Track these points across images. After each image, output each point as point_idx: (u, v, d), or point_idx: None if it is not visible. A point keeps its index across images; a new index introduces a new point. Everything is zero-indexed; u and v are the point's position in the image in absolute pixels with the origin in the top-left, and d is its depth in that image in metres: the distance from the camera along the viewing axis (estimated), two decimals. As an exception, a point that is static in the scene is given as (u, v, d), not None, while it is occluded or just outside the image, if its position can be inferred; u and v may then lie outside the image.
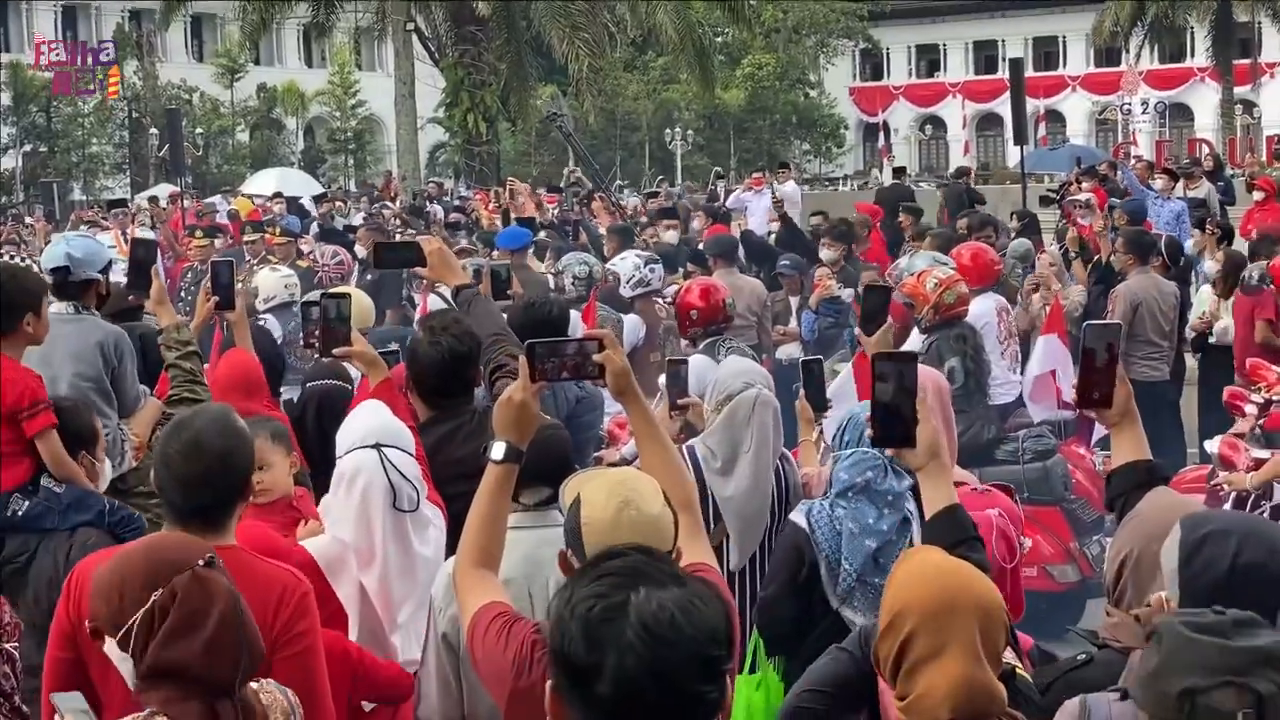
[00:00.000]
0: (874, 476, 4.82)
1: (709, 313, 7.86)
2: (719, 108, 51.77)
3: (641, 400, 3.66)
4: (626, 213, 18.33)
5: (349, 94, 56.48)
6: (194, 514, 3.72)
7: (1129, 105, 48.88)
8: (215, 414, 3.88)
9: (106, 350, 5.66)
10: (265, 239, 14.04)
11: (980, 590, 3.06)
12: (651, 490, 3.28)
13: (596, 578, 2.34)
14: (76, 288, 5.77)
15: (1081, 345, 3.79)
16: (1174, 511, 3.40)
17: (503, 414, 3.55)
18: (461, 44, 33.43)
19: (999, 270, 10.33)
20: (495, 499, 3.53)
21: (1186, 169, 20.60)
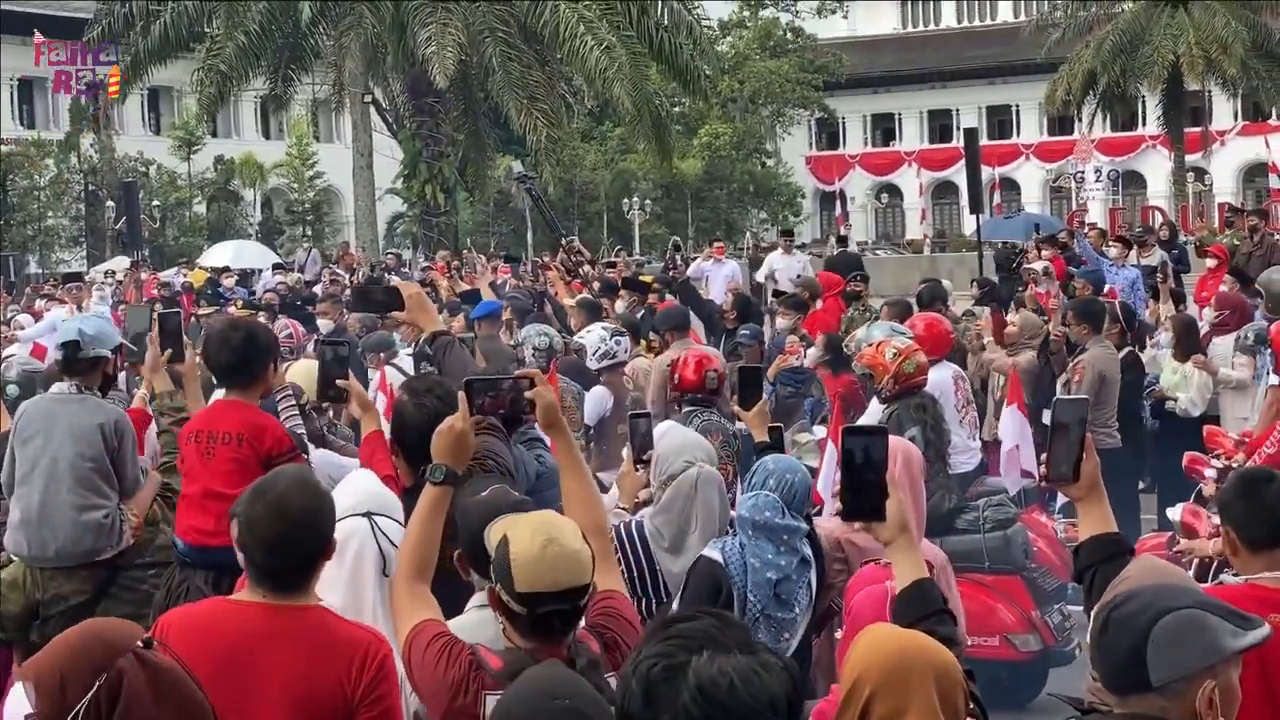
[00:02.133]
0: (771, 516, 5.34)
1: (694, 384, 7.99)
2: (676, 177, 52.08)
3: (568, 433, 4.07)
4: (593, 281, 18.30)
5: (307, 165, 56.55)
6: (279, 575, 3.75)
7: (1082, 173, 49.40)
8: (296, 475, 3.94)
9: (106, 431, 5.66)
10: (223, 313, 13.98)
11: (936, 652, 3.12)
12: (571, 529, 3.52)
13: (667, 638, 2.40)
14: (85, 365, 5.77)
15: (1051, 420, 3.82)
16: (1161, 576, 3.48)
17: (442, 441, 3.90)
18: (419, 115, 33.53)
19: (953, 339, 10.41)
20: (432, 518, 3.85)
21: (1139, 237, 20.80)
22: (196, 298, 16.43)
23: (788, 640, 5.38)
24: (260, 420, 5.60)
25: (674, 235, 47.08)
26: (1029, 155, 66.54)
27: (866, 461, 3.64)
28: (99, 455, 5.62)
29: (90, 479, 5.57)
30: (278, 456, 5.41)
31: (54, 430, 5.60)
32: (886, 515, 3.65)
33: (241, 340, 5.64)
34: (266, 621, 3.70)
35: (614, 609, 3.75)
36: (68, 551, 5.52)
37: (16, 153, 47.50)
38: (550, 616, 3.43)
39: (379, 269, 24.48)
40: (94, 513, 5.53)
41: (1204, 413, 11.25)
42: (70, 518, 5.51)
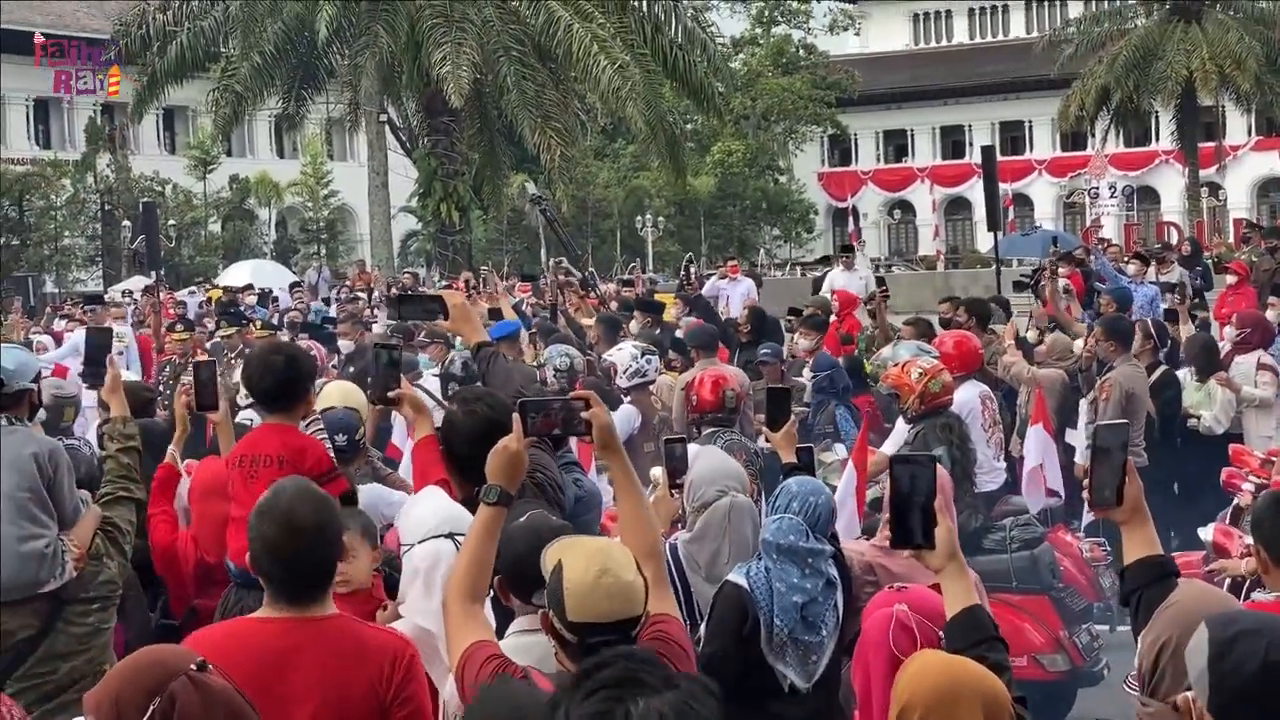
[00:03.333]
0: (795, 540, 5.32)
1: (712, 404, 7.98)
2: (689, 194, 52.09)
3: (623, 455, 4.04)
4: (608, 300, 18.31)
5: (321, 184, 56.66)
6: (297, 588, 3.81)
7: (1096, 188, 49.36)
8: (301, 489, 3.96)
9: (41, 461, 5.49)
10: (244, 333, 14.01)
11: (983, 682, 3.15)
12: (626, 559, 3.51)
13: (591, 691, 2.36)
14: (11, 399, 5.62)
15: (1092, 445, 3.83)
16: (1211, 601, 3.50)
17: (496, 462, 3.91)
18: (434, 134, 33.62)
19: (982, 357, 10.40)
20: (486, 539, 3.86)
21: (1159, 253, 20.77)
22: (217, 321, 16.43)
23: (815, 663, 5.36)
24: (300, 442, 5.63)
25: (687, 252, 47.15)
26: (1042, 171, 66.46)
27: (913, 489, 3.65)
28: (35, 485, 5.45)
29: (28, 509, 5.41)
30: (319, 477, 5.37)
31: None
32: (936, 543, 3.66)
33: (284, 365, 5.66)
34: (292, 635, 3.77)
35: (666, 634, 3.75)
36: (12, 584, 5.34)
37: (33, 173, 47.68)
38: (600, 646, 3.39)
39: (396, 288, 24.51)
40: (35, 542, 5.36)
41: (1227, 431, 11.24)
42: (12, 549, 5.32)
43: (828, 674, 5.43)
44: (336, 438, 6.85)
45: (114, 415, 6.04)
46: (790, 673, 5.28)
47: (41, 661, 5.30)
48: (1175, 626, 3.45)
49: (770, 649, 5.26)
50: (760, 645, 5.26)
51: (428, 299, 5.94)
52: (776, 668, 5.27)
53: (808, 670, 5.33)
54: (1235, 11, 49.37)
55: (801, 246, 65.15)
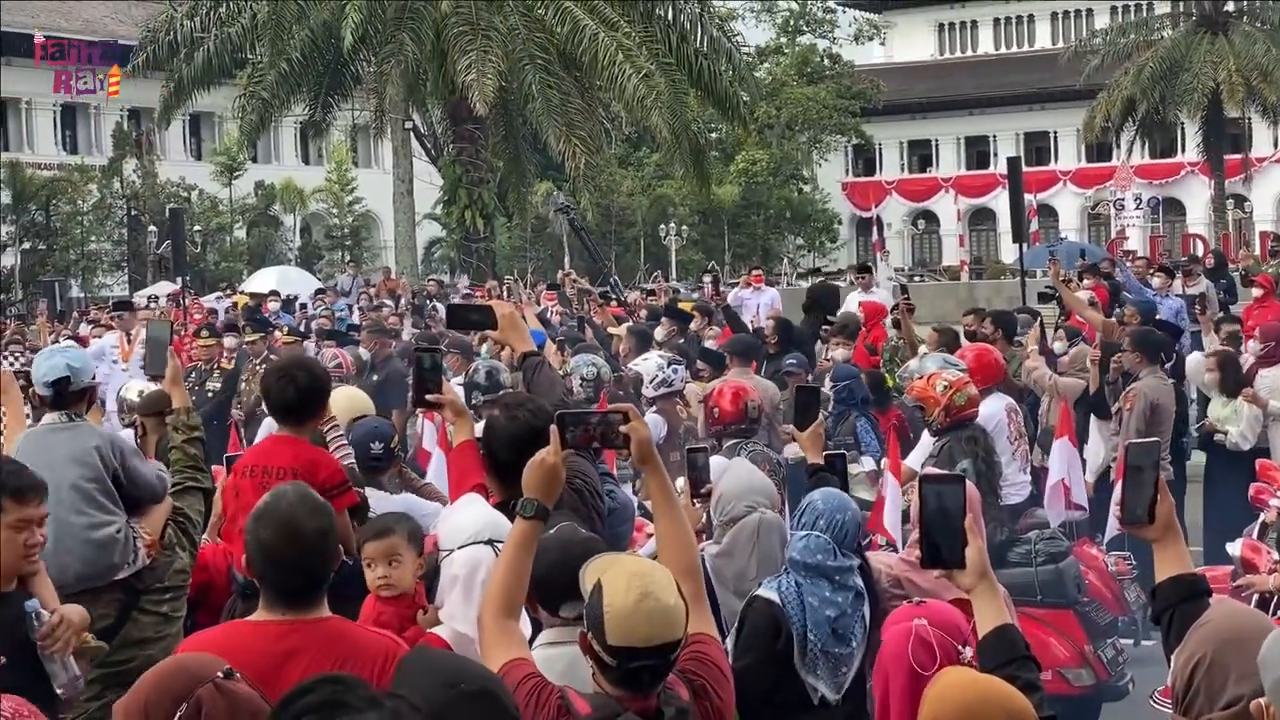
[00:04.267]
0: (823, 559, 5.35)
1: (730, 414, 7.98)
2: (713, 203, 52.10)
3: (662, 470, 3.98)
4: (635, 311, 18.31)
5: (346, 191, 56.83)
6: (295, 593, 3.84)
7: (1121, 200, 49.24)
8: (300, 495, 3.97)
9: (104, 452, 5.66)
10: (269, 339, 14.06)
11: (1009, 702, 3.12)
12: (667, 581, 3.46)
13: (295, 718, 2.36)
14: (75, 397, 5.80)
15: (1123, 463, 3.83)
16: (1247, 619, 3.46)
17: (534, 475, 3.85)
18: (459, 142, 33.74)
19: (1004, 369, 10.38)
20: (522, 553, 3.80)
21: (1186, 266, 20.71)
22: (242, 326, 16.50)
23: (845, 674, 5.39)
24: (313, 455, 5.68)
25: (710, 261, 47.16)
26: (1066, 182, 66.28)
27: (942, 509, 3.65)
28: (99, 475, 5.61)
29: (94, 498, 5.58)
30: (332, 489, 5.46)
31: (54, 459, 5.57)
32: (967, 563, 3.65)
33: (306, 380, 5.71)
34: (289, 637, 3.80)
35: (704, 655, 3.72)
36: (87, 573, 5.51)
37: (60, 178, 47.91)
38: (640, 671, 3.41)
39: (421, 296, 24.57)
40: (106, 529, 5.53)
41: (1254, 446, 11.21)
42: (84, 537, 5.50)
43: (855, 685, 5.46)
44: (372, 445, 6.89)
45: (177, 406, 6.21)
46: (821, 685, 5.30)
47: (118, 650, 5.38)
48: (1209, 645, 3.42)
49: (803, 663, 5.28)
50: (792, 659, 5.28)
51: (478, 309, 5.96)
52: (807, 680, 5.28)
53: (837, 681, 5.36)
54: (1262, 23, 49.30)
55: (825, 256, 65.02)
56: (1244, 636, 3.32)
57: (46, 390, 5.77)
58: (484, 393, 8.92)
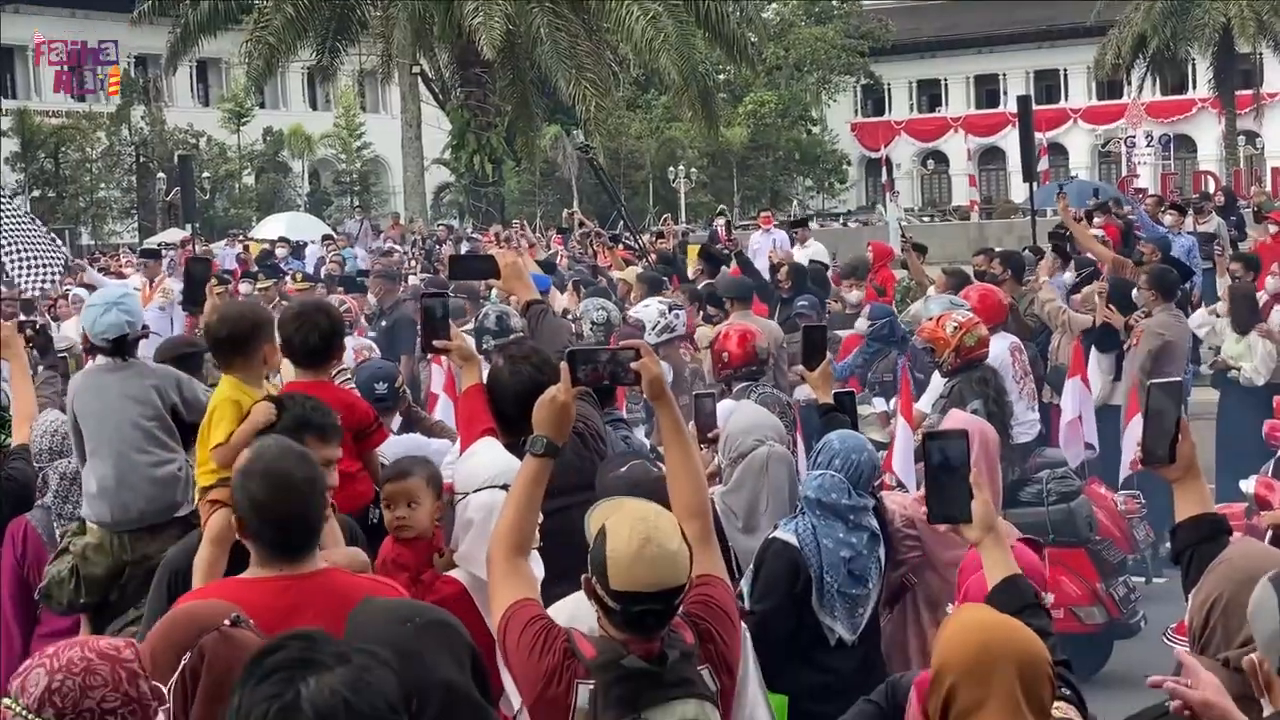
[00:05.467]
0: (838, 498, 5.34)
1: (742, 357, 7.98)
2: (722, 145, 51.89)
3: (674, 406, 3.93)
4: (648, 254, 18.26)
5: (354, 136, 56.69)
6: (287, 547, 3.78)
7: (1133, 137, 48.97)
8: (284, 446, 3.91)
9: (162, 390, 5.71)
10: (280, 286, 14.07)
11: (1021, 644, 3.11)
12: (671, 527, 3.45)
13: (263, 676, 2.37)
14: (132, 345, 5.87)
15: (1145, 405, 3.84)
16: (1263, 558, 3.47)
17: (544, 413, 3.84)
18: (467, 86, 33.61)
19: (1007, 309, 10.37)
20: (532, 490, 3.80)
21: (1197, 203, 20.62)
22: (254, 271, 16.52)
23: (860, 615, 5.40)
24: (344, 397, 5.67)
25: (720, 204, 47.00)
26: (1077, 120, 65.96)
27: (946, 464, 3.68)
28: (159, 413, 5.66)
29: (156, 436, 5.63)
30: (365, 428, 5.53)
31: (109, 398, 5.66)
32: (974, 516, 3.69)
33: (328, 325, 5.72)
34: (288, 592, 3.73)
35: (710, 598, 3.70)
36: (150, 510, 5.59)
37: (68, 126, 47.83)
38: (644, 614, 3.41)
39: (430, 241, 24.54)
40: (168, 466, 5.60)
41: (1268, 382, 11.20)
42: (147, 475, 5.57)
43: (871, 626, 5.48)
44: (377, 386, 6.92)
45: None
46: (838, 626, 5.33)
47: None
48: (1226, 584, 3.45)
49: (820, 604, 5.30)
50: (810, 601, 5.30)
51: (480, 259, 5.97)
52: (824, 622, 5.31)
53: (854, 623, 5.37)
54: (1274, -43, 48.83)
55: (834, 197, 64.88)
56: (1261, 576, 3.31)
57: (105, 344, 5.81)
58: (494, 337, 8.91)
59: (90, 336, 5.91)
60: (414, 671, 2.99)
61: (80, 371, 6.07)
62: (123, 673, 2.83)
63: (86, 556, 5.65)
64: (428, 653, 3.09)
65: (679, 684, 3.43)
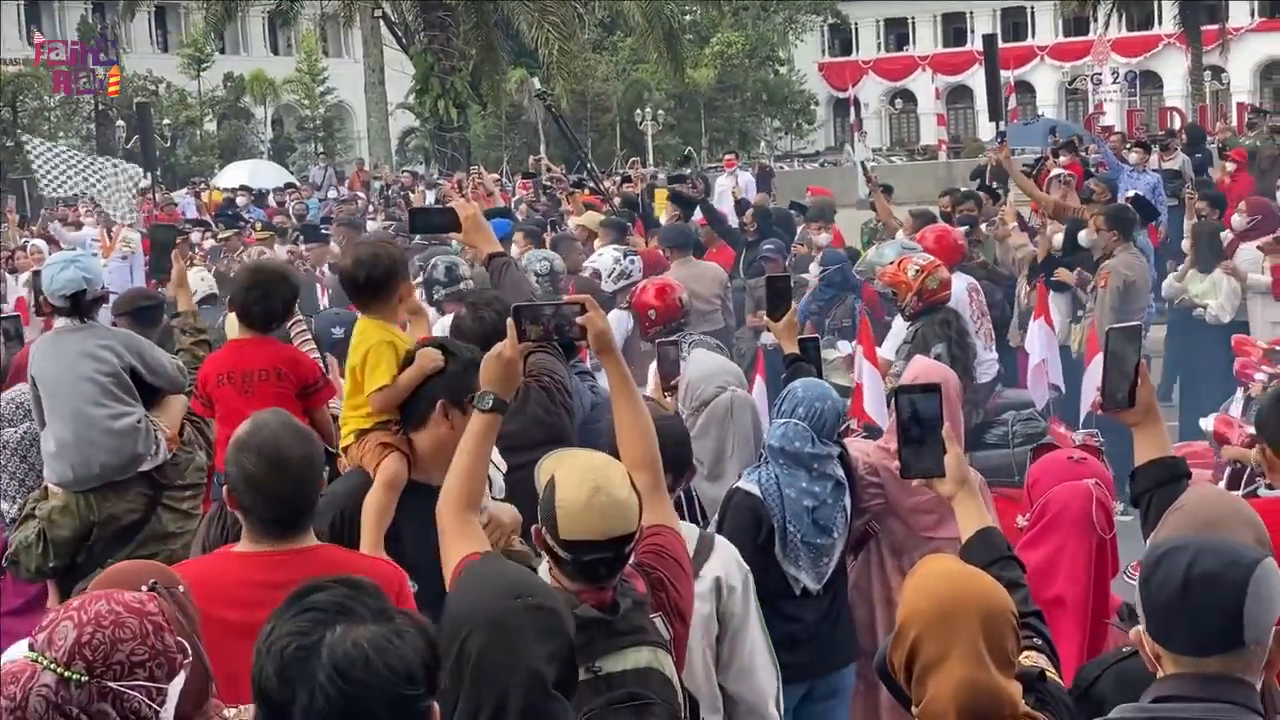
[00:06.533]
0: (801, 446, 5.34)
1: (666, 311, 7.88)
2: (689, 87, 51.62)
3: (620, 359, 3.95)
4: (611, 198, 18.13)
5: (317, 81, 56.22)
6: (281, 523, 3.75)
7: (1099, 74, 48.87)
8: (283, 422, 3.84)
9: (116, 349, 5.72)
10: (243, 236, 13.96)
11: (983, 594, 3.10)
12: (620, 476, 3.46)
13: (299, 612, 2.36)
14: (91, 305, 5.81)
15: (1104, 349, 3.83)
16: (1220, 502, 3.50)
17: (491, 369, 3.82)
18: (430, 29, 33.28)
19: (964, 249, 10.35)
20: (481, 446, 3.79)
21: (1163, 140, 20.59)
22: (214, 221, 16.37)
23: (826, 564, 5.41)
24: (291, 353, 5.64)
25: (687, 145, 46.84)
26: (1044, 57, 65.85)
27: (917, 418, 3.67)
28: (115, 370, 5.67)
29: (112, 390, 5.64)
30: (312, 384, 5.48)
31: (65, 357, 5.66)
32: (946, 470, 3.69)
33: (289, 292, 5.65)
34: (282, 568, 3.68)
35: (662, 547, 3.70)
36: (112, 463, 5.59)
37: (26, 74, 47.26)
38: (595, 563, 3.40)
39: (393, 188, 24.35)
40: (126, 418, 5.61)
41: (1234, 319, 11.21)
42: (105, 427, 5.56)
43: (837, 573, 5.49)
44: (334, 330, 6.87)
45: (182, 309, 6.30)
46: (803, 575, 5.34)
47: (145, 544, 5.50)
48: (1181, 529, 3.42)
49: (784, 554, 5.31)
50: (774, 550, 5.30)
51: (440, 211, 5.85)
52: (789, 571, 5.32)
53: (819, 572, 5.39)
54: (1240, -111, 48.69)
55: (803, 138, 64.72)
56: (1217, 520, 3.36)
57: (63, 302, 5.76)
58: (444, 287, 8.87)
59: (48, 295, 5.86)
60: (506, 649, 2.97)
61: (40, 336, 6.03)
62: (149, 625, 2.78)
63: (53, 519, 5.65)
64: (527, 636, 3.01)
65: (632, 632, 3.43)
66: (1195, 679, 2.79)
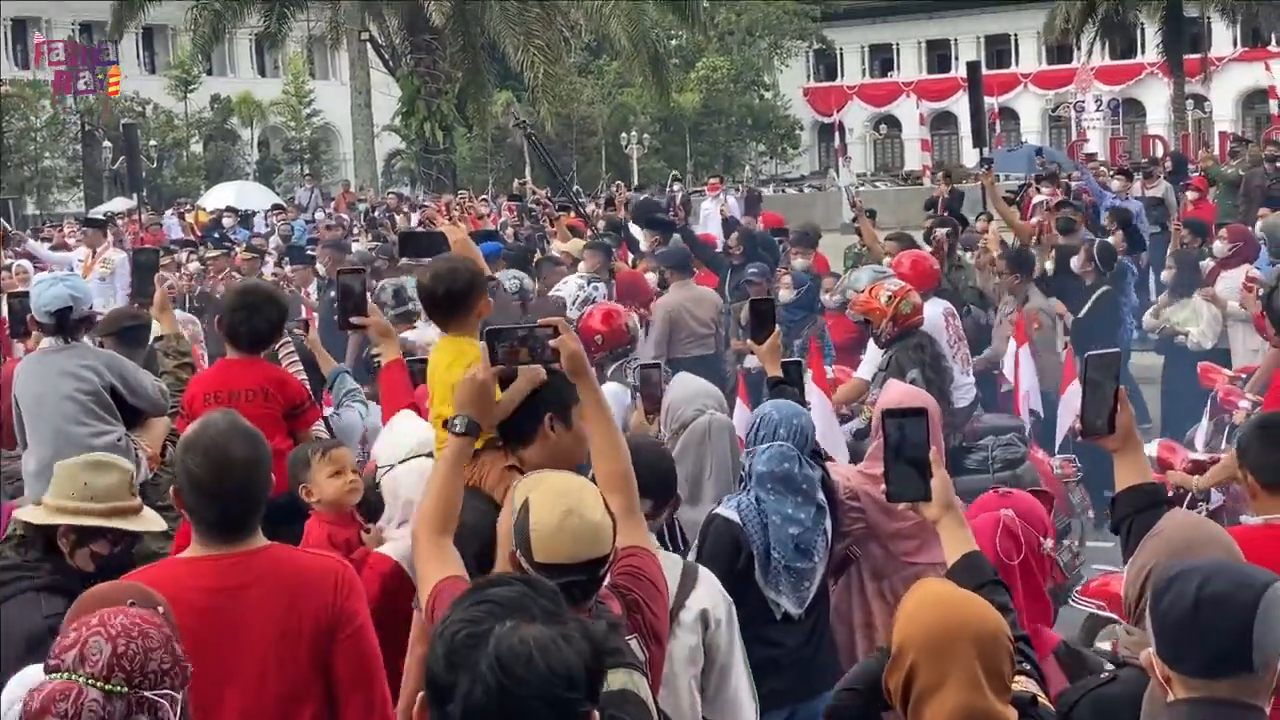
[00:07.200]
0: (791, 468, 5.28)
1: (612, 337, 7.88)
2: (674, 111, 51.79)
3: (594, 382, 3.95)
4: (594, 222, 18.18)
5: (303, 103, 56.21)
6: (228, 525, 3.72)
7: (1082, 102, 49.13)
8: (230, 423, 3.80)
9: (98, 369, 5.77)
10: (231, 257, 13.97)
11: (980, 619, 3.13)
12: (593, 498, 3.43)
13: (475, 603, 2.41)
14: (76, 324, 5.83)
15: (1083, 376, 3.87)
16: (1197, 529, 3.52)
17: (464, 391, 3.84)
18: (417, 52, 33.37)
19: (939, 275, 10.37)
20: (455, 469, 3.79)
21: (1146, 168, 20.70)
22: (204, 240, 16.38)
23: (807, 589, 5.34)
24: (278, 374, 5.67)
25: (673, 170, 46.93)
26: (1028, 85, 66.16)
27: (904, 442, 3.67)
28: (95, 389, 5.70)
29: (93, 409, 5.68)
30: (299, 405, 5.54)
31: (47, 376, 5.70)
32: (932, 495, 3.69)
33: (276, 314, 5.69)
34: (233, 572, 3.67)
35: (637, 569, 3.69)
36: None
37: (11, 94, 47.22)
38: (569, 586, 3.33)
39: (379, 210, 24.36)
40: (107, 436, 5.64)
41: (1215, 346, 11.28)
42: (86, 444, 5.53)
43: (818, 597, 5.45)
44: None
45: (166, 332, 6.29)
46: (784, 600, 5.29)
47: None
48: (1159, 555, 3.46)
49: (765, 579, 5.26)
50: (754, 576, 5.26)
51: (430, 235, 5.84)
52: (769, 596, 5.27)
53: (800, 596, 5.33)
54: (1222, -81, 48.96)
55: (787, 163, 64.87)
56: (1193, 546, 3.37)
57: (48, 319, 5.78)
58: (392, 309, 8.98)
59: (34, 311, 5.88)
60: None
61: (26, 356, 6.05)
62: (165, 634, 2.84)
63: None
64: None
65: (607, 654, 3.42)
66: (1207, 704, 2.78)
